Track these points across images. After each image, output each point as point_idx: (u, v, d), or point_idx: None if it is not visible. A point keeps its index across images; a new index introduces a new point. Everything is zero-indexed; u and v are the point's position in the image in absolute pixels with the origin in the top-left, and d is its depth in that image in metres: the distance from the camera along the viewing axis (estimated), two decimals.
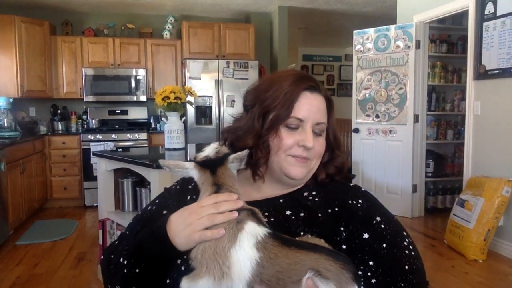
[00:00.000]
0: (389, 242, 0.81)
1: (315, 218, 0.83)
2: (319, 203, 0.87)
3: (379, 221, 0.83)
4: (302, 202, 0.88)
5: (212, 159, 0.79)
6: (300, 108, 0.85)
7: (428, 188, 4.54)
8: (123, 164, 2.76)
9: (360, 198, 0.87)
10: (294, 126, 0.85)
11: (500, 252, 3.34)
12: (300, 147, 0.85)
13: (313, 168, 0.90)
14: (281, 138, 0.85)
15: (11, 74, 4.83)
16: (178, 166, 0.80)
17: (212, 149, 0.81)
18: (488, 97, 3.51)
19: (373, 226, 0.82)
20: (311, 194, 0.89)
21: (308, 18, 6.44)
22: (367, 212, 0.84)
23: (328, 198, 0.87)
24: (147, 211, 0.98)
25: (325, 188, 0.91)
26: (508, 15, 3.23)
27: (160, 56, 5.52)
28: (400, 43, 4.34)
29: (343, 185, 0.93)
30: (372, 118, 4.62)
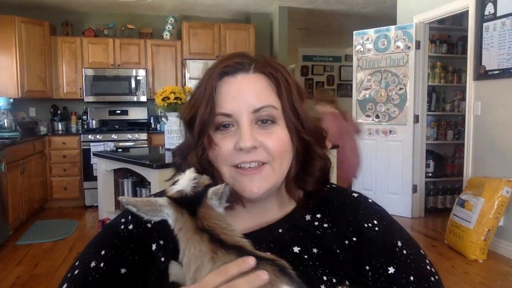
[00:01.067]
0: (416, 273, 0.67)
1: (333, 256, 0.66)
2: (330, 231, 0.69)
3: (400, 246, 0.68)
4: (309, 231, 0.69)
5: (189, 195, 0.58)
6: (224, 98, 0.65)
7: (428, 188, 4.54)
8: (123, 164, 2.76)
9: (374, 216, 0.70)
10: (226, 124, 0.65)
11: (500, 252, 3.34)
12: (238, 151, 0.63)
13: (278, 174, 0.67)
14: (215, 146, 0.65)
15: (11, 75, 4.83)
16: (148, 203, 0.58)
17: (188, 179, 0.60)
18: (488, 98, 3.51)
19: (397, 256, 0.67)
20: (316, 218, 0.70)
21: (308, 19, 6.44)
22: (387, 236, 0.69)
23: (339, 223, 0.69)
24: (91, 270, 0.66)
25: (327, 204, 0.72)
26: (508, 15, 3.23)
27: (160, 56, 5.52)
28: (400, 43, 4.34)
29: (346, 197, 0.74)
30: (372, 119, 4.62)
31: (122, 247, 0.69)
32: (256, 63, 0.67)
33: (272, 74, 0.67)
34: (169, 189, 0.60)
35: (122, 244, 0.69)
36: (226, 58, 0.68)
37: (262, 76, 0.67)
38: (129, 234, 0.70)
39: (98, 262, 0.67)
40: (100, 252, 0.68)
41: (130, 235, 0.70)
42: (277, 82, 0.66)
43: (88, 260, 0.67)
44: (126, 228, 0.71)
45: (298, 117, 0.67)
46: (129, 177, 2.94)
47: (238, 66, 0.66)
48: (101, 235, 0.73)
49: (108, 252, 0.68)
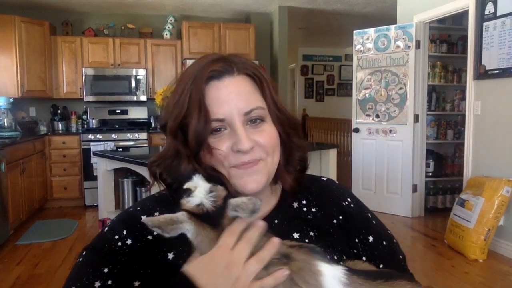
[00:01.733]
0: (385, 238, 0.80)
1: (329, 236, 0.74)
2: (319, 214, 0.76)
3: (370, 217, 0.81)
4: (302, 218, 0.75)
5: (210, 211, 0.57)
6: (213, 104, 0.65)
7: (428, 188, 4.54)
8: (123, 164, 2.77)
9: (346, 195, 0.81)
10: (218, 128, 0.66)
11: (500, 252, 3.34)
12: (236, 153, 0.65)
13: (271, 167, 0.70)
14: (212, 152, 0.66)
15: (11, 74, 4.83)
16: (171, 221, 0.57)
17: (204, 192, 0.58)
18: (488, 97, 3.51)
19: (371, 226, 0.80)
20: (303, 204, 0.77)
21: (308, 18, 6.44)
22: (360, 211, 0.81)
23: (324, 206, 0.78)
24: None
25: (307, 191, 0.79)
26: (508, 15, 3.23)
27: (160, 56, 5.52)
28: (400, 43, 4.34)
29: (319, 182, 0.83)
30: (372, 118, 4.62)
31: (130, 262, 0.65)
32: (237, 64, 0.69)
33: (255, 74, 0.69)
34: (185, 202, 0.58)
35: (128, 259, 0.65)
36: (208, 62, 0.68)
37: (246, 77, 0.69)
38: (132, 249, 0.66)
39: (103, 280, 0.63)
40: (102, 270, 0.64)
41: (132, 249, 0.66)
42: (260, 81, 0.69)
43: (88, 282, 0.62)
44: (124, 243, 0.66)
45: (280, 111, 0.71)
46: (129, 176, 2.94)
47: (223, 70, 0.67)
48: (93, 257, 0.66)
49: (113, 268, 0.64)
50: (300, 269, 0.55)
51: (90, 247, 0.68)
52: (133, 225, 0.68)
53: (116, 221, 0.70)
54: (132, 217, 0.70)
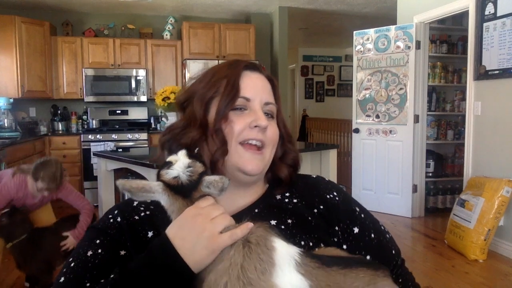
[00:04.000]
0: (374, 231, 0.83)
1: (306, 223, 0.77)
2: (300, 204, 0.80)
3: (358, 211, 0.84)
4: (281, 207, 0.79)
5: (184, 184, 0.61)
6: (244, 87, 0.77)
7: (428, 188, 4.54)
8: (123, 164, 2.77)
9: (333, 189, 0.85)
10: (241, 107, 0.76)
11: (501, 252, 3.34)
12: (252, 128, 0.75)
13: (268, 160, 0.79)
14: (230, 124, 0.75)
15: (12, 75, 4.83)
16: (143, 189, 0.62)
17: (183, 166, 0.62)
18: (488, 98, 3.51)
19: (358, 218, 0.83)
20: (285, 196, 0.82)
21: (308, 19, 6.44)
22: (346, 203, 0.84)
23: (306, 197, 0.82)
24: (89, 257, 0.70)
25: (293, 186, 0.84)
26: (508, 15, 3.23)
27: (160, 56, 5.52)
28: (400, 43, 4.34)
29: (308, 178, 0.88)
30: (372, 119, 4.62)
31: (117, 234, 0.74)
32: (264, 72, 0.83)
33: (273, 81, 0.83)
34: (164, 173, 0.62)
35: (116, 232, 0.74)
36: (240, 59, 0.83)
37: (267, 80, 0.82)
38: (119, 225, 0.75)
39: (95, 249, 0.71)
40: (95, 241, 0.73)
41: (120, 225, 0.75)
42: (276, 89, 0.83)
43: (83, 251, 0.71)
44: (115, 221, 0.76)
45: (282, 119, 0.84)
46: (129, 177, 2.94)
47: (255, 67, 0.82)
48: (90, 233, 0.76)
49: (104, 239, 0.73)
50: (257, 243, 0.57)
51: (90, 227, 0.79)
52: (125, 207, 0.79)
53: (113, 207, 0.81)
54: (126, 203, 0.80)
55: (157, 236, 0.69)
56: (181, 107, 0.81)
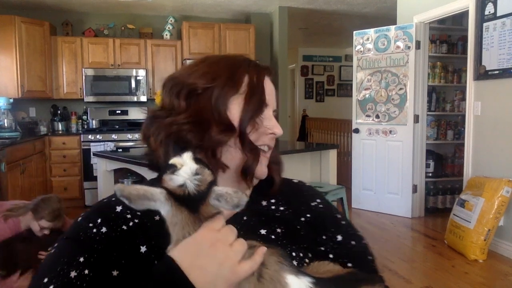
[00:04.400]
0: (354, 238, 0.81)
1: (295, 232, 0.75)
2: (287, 212, 0.78)
3: (339, 218, 0.82)
4: (270, 215, 0.76)
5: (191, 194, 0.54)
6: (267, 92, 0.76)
7: (428, 188, 4.54)
8: (123, 164, 2.77)
9: (316, 196, 0.84)
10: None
11: (500, 252, 3.34)
12: (267, 135, 0.74)
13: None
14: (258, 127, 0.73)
15: (11, 75, 4.83)
16: (143, 197, 0.54)
17: (190, 173, 0.54)
18: (488, 98, 3.51)
19: (340, 226, 0.81)
20: (271, 203, 0.79)
21: (308, 19, 6.44)
22: (330, 211, 0.82)
23: (292, 205, 0.79)
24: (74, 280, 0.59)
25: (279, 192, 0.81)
26: (508, 15, 3.23)
27: (160, 56, 5.52)
28: (400, 43, 4.34)
29: (290, 184, 0.86)
30: (372, 119, 4.62)
31: (106, 250, 0.62)
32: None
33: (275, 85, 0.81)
34: (167, 178, 0.54)
35: (104, 248, 0.63)
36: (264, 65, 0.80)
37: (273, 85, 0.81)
38: (107, 237, 0.64)
39: (80, 270, 0.59)
40: (78, 259, 0.60)
41: (108, 238, 0.64)
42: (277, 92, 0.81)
43: (64, 271, 0.59)
44: (99, 231, 0.64)
45: None
46: (129, 177, 2.94)
47: (271, 72, 0.79)
48: (69, 247, 0.63)
49: (90, 257, 0.61)
50: (271, 279, 0.54)
51: (64, 237, 0.65)
52: (108, 214, 0.67)
53: (91, 211, 0.69)
54: (107, 207, 0.69)
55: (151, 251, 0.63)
56: (177, 95, 0.70)
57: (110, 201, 0.71)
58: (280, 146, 3.76)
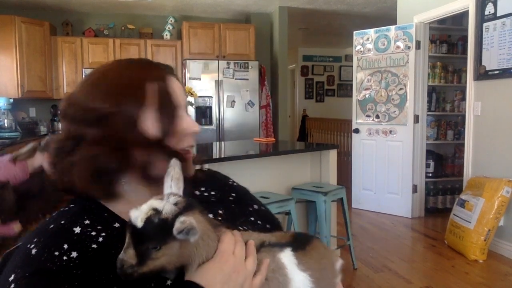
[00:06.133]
0: (260, 203, 0.91)
1: (233, 211, 0.83)
2: (218, 195, 0.85)
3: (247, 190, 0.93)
4: (207, 200, 0.81)
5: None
6: (176, 93, 0.72)
7: (428, 188, 4.54)
8: None
9: (228, 178, 0.93)
10: None
11: (501, 252, 3.34)
12: (187, 135, 0.73)
13: None
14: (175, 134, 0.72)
15: (11, 75, 4.83)
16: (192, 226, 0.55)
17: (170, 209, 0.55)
18: (488, 98, 3.51)
19: (252, 197, 0.91)
20: (202, 191, 0.83)
21: (308, 19, 6.44)
22: (241, 187, 0.92)
23: (218, 189, 0.86)
24: None
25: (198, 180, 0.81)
26: (508, 15, 3.23)
27: (160, 56, 5.52)
28: (400, 43, 4.34)
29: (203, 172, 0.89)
30: (372, 119, 4.62)
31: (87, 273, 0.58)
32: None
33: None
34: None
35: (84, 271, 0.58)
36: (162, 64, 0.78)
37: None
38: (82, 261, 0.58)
39: None
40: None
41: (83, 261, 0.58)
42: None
43: None
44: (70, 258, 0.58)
45: None
46: None
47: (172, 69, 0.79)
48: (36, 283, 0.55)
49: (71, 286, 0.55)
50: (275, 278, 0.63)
51: (26, 274, 0.55)
52: (70, 238, 0.60)
53: (45, 239, 0.60)
54: (63, 231, 0.62)
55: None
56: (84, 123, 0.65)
57: (59, 224, 0.63)
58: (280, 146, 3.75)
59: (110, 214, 0.68)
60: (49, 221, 0.65)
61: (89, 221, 0.64)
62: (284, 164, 3.11)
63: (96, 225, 0.64)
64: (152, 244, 0.53)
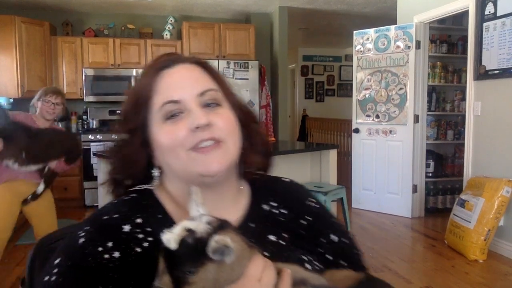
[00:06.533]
0: (345, 235, 0.79)
1: (300, 236, 0.74)
2: (289, 215, 0.75)
3: (330, 215, 0.81)
4: (274, 220, 0.74)
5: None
6: (168, 89, 0.67)
7: (428, 188, 4.54)
8: None
9: (308, 195, 0.81)
10: (176, 113, 0.66)
11: (501, 252, 3.34)
12: (195, 131, 0.64)
13: (233, 151, 0.68)
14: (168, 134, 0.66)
15: (11, 75, 4.83)
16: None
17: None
18: (488, 98, 3.51)
19: (334, 224, 0.79)
20: (273, 206, 0.76)
21: (308, 19, 6.44)
22: (323, 210, 0.80)
23: (293, 207, 0.77)
24: None
25: (274, 193, 0.78)
26: (508, 15, 3.23)
27: None
28: (400, 43, 4.34)
29: (282, 183, 0.83)
30: (372, 119, 4.62)
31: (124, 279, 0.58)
32: (184, 56, 0.75)
33: (204, 64, 0.73)
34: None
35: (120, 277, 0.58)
36: (159, 58, 0.74)
37: (197, 66, 0.72)
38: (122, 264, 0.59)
39: None
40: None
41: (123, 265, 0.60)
42: (210, 70, 0.73)
43: None
44: (112, 257, 0.59)
45: (235, 98, 0.74)
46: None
47: (175, 59, 0.72)
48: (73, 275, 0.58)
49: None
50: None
51: (68, 263, 0.58)
52: (117, 236, 0.61)
53: (94, 231, 0.62)
54: (112, 226, 0.63)
55: None
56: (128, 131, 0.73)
57: (111, 218, 0.64)
58: (280, 146, 3.76)
59: (164, 215, 0.68)
60: (106, 210, 0.67)
61: (141, 220, 0.65)
62: (284, 164, 3.11)
63: (147, 227, 0.64)
64: (187, 268, 0.50)
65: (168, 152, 0.66)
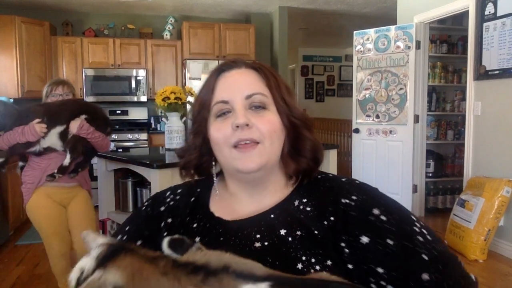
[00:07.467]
0: (396, 235, 0.67)
1: (313, 237, 0.69)
2: (312, 214, 0.72)
3: (377, 214, 0.69)
4: (295, 216, 0.73)
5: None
6: (221, 90, 0.76)
7: (428, 188, 4.54)
8: (123, 164, 2.76)
9: (354, 192, 0.73)
10: (225, 112, 0.75)
11: (501, 252, 3.34)
12: (236, 130, 0.72)
13: (269, 153, 0.73)
14: (217, 131, 0.75)
15: (11, 75, 4.83)
16: None
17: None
18: (488, 98, 3.51)
19: (371, 223, 0.68)
20: (302, 202, 0.75)
21: (308, 19, 6.44)
22: (362, 207, 0.70)
23: (321, 206, 0.73)
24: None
25: (316, 190, 0.76)
26: (508, 15, 3.23)
27: (160, 56, 5.52)
28: (400, 43, 4.34)
29: (335, 181, 0.78)
30: (372, 119, 4.62)
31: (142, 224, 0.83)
32: (244, 61, 0.80)
33: (262, 69, 0.78)
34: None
35: (142, 222, 0.83)
36: (221, 63, 0.81)
37: (253, 71, 0.78)
38: (146, 214, 0.84)
39: (123, 235, 0.81)
40: (125, 228, 0.83)
41: (147, 215, 0.84)
42: (266, 76, 0.77)
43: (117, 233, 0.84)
44: (146, 211, 0.85)
45: (287, 105, 0.77)
46: (129, 177, 2.94)
47: (232, 64, 0.79)
48: (132, 215, 0.89)
49: (130, 228, 0.83)
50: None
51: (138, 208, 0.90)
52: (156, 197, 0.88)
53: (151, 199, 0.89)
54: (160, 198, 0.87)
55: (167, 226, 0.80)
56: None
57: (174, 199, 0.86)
58: None
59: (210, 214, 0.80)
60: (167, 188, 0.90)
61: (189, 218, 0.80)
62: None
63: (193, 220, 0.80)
64: None
65: (217, 147, 0.76)
